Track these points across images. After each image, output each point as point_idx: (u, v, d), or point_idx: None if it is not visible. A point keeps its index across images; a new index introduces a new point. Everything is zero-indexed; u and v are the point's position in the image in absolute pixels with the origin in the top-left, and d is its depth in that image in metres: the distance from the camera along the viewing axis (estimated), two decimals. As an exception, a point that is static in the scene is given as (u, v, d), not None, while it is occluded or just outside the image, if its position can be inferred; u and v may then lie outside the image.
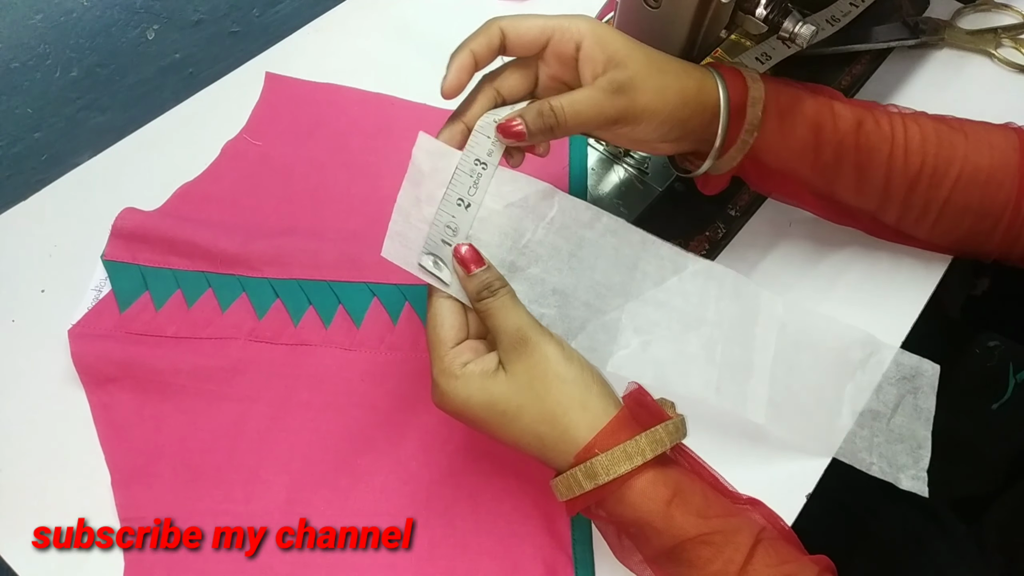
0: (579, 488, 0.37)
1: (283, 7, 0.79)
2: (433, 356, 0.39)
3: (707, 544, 0.36)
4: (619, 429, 0.37)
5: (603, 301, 0.45)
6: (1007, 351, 0.64)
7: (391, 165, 0.59)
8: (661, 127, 0.42)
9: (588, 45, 0.40)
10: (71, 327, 0.51)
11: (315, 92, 0.65)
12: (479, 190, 0.41)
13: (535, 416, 0.38)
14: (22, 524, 0.45)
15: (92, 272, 0.53)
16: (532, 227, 0.43)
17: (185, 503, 0.46)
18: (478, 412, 0.38)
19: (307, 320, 0.52)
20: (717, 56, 0.66)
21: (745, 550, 0.36)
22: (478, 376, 0.38)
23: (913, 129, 0.47)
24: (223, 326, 0.51)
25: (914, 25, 0.67)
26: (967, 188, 0.47)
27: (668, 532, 0.36)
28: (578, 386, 0.38)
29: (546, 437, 0.38)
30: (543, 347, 0.38)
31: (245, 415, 0.48)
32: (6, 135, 0.65)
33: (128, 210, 0.55)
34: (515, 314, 0.39)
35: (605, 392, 0.39)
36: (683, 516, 0.37)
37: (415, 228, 0.41)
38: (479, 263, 0.40)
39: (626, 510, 0.37)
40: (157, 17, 0.69)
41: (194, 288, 0.53)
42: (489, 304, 0.39)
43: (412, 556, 0.44)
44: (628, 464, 0.36)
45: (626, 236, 0.46)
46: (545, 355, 0.38)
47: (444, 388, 0.39)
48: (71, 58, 0.65)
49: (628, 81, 0.40)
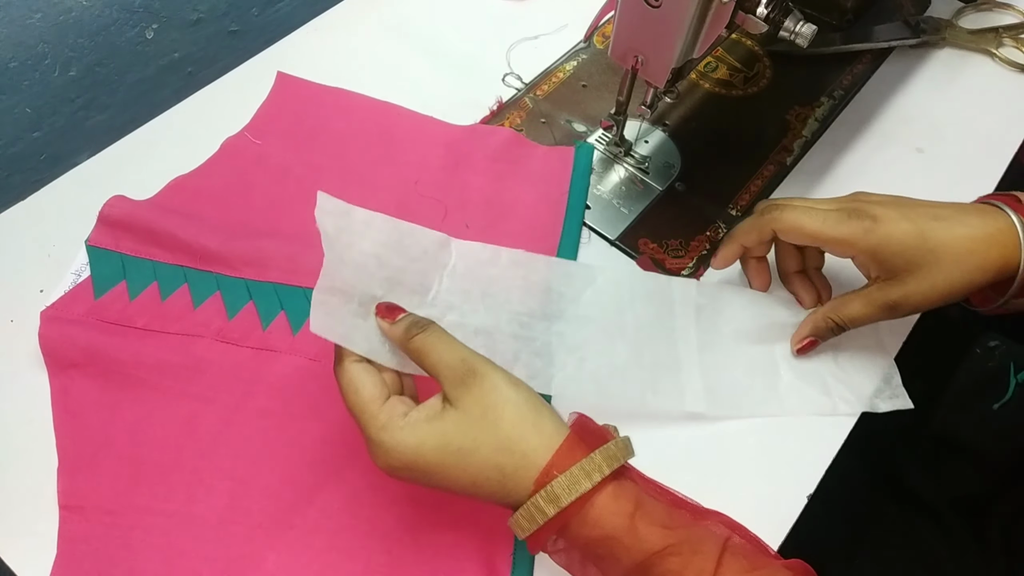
0: (542, 516, 0.36)
1: (282, 6, 0.79)
2: (364, 419, 0.38)
3: (675, 555, 0.35)
4: (572, 450, 0.36)
5: (528, 329, 0.47)
6: (1008, 351, 0.64)
7: (386, 176, 0.59)
8: (946, 300, 0.43)
9: (862, 260, 0.45)
10: (44, 309, 0.50)
11: (323, 95, 0.64)
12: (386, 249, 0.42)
13: (493, 446, 0.36)
14: (22, 524, 0.45)
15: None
16: (436, 277, 0.44)
17: (125, 497, 0.45)
18: (432, 457, 0.36)
19: (276, 325, 0.51)
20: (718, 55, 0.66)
21: (714, 558, 0.35)
22: (424, 421, 0.37)
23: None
24: (192, 323, 0.51)
25: (915, 24, 0.67)
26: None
27: (635, 546, 0.36)
28: (530, 408, 0.37)
29: (506, 466, 0.36)
30: (491, 375, 0.37)
31: (198, 415, 0.48)
32: (5, 135, 0.65)
33: (117, 198, 0.55)
34: (455, 346, 0.38)
35: (554, 415, 0.38)
36: (647, 528, 0.36)
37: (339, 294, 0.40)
38: (400, 310, 0.40)
39: (591, 530, 0.36)
40: (156, 16, 0.69)
41: (170, 281, 0.52)
42: (424, 339, 0.38)
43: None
44: (588, 482, 0.35)
45: (530, 264, 0.48)
46: (495, 383, 0.37)
47: (390, 443, 0.37)
48: (70, 57, 0.65)
49: (903, 299, 0.43)
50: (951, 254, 0.42)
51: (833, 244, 0.45)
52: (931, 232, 0.42)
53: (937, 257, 0.42)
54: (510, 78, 0.65)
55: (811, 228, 0.45)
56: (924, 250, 0.42)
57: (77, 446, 0.47)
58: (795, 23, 0.45)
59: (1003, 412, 0.62)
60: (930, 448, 0.64)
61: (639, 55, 0.50)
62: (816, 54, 0.65)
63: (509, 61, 0.67)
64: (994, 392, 0.63)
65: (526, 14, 0.71)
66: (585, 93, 0.64)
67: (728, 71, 0.66)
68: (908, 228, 0.42)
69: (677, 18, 0.45)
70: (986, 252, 0.42)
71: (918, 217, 0.43)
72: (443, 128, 0.62)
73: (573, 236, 0.55)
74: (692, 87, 0.65)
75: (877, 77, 0.65)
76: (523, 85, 0.65)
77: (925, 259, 0.42)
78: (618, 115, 0.57)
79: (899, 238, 0.43)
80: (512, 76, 0.65)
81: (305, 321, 0.51)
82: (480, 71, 0.66)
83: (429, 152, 0.60)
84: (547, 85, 0.65)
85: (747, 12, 0.45)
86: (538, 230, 0.55)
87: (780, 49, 0.67)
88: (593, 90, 0.65)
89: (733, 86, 0.65)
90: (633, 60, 0.51)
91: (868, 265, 0.45)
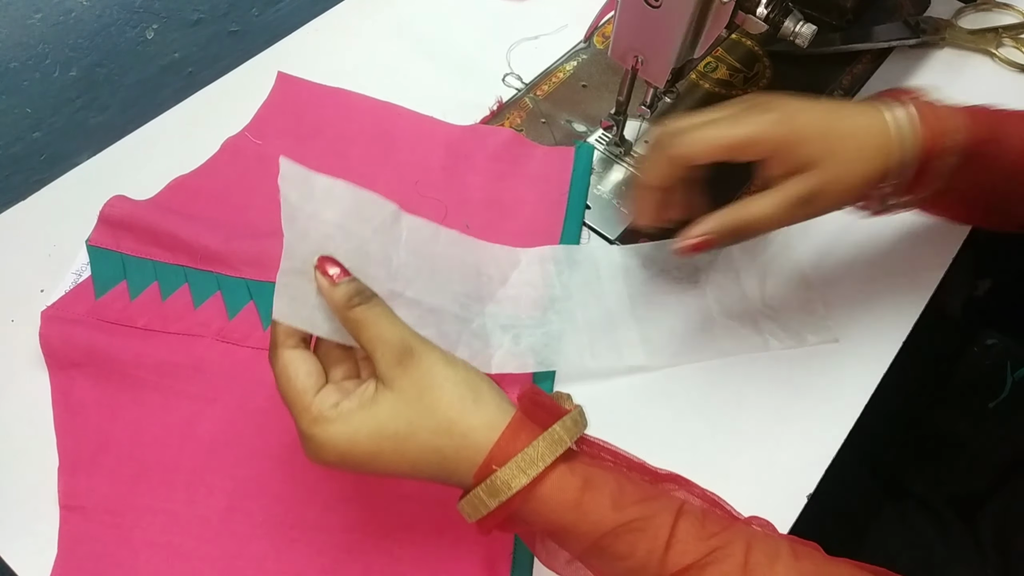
0: (484, 508, 0.35)
1: (283, 6, 0.79)
2: (296, 410, 0.36)
3: (628, 531, 0.34)
4: (515, 435, 0.35)
5: (467, 310, 0.48)
6: (1005, 349, 0.64)
7: (386, 176, 0.59)
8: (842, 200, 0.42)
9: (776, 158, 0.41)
10: (44, 309, 0.51)
11: (324, 96, 0.64)
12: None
13: (431, 429, 0.35)
14: (22, 524, 0.45)
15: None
16: (395, 251, 0.43)
17: (126, 497, 0.45)
18: (367, 446, 0.35)
19: None
20: (718, 55, 0.66)
21: (667, 529, 0.35)
22: (357, 409, 0.35)
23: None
24: (192, 323, 0.51)
25: (915, 24, 0.67)
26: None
27: (584, 531, 0.35)
28: (468, 386, 0.36)
29: (446, 448, 0.35)
30: (429, 355, 0.36)
31: (199, 415, 0.48)
32: (5, 135, 0.65)
33: (117, 198, 0.55)
34: (396, 325, 0.36)
35: (496, 393, 0.37)
36: (597, 511, 0.35)
37: (303, 275, 0.38)
38: (345, 273, 0.37)
39: (538, 518, 0.35)
40: (156, 16, 0.69)
41: (171, 281, 0.52)
42: (364, 312, 0.36)
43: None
44: (526, 476, 0.34)
45: (465, 245, 0.49)
46: (432, 363, 0.36)
47: (322, 437, 0.35)
48: (70, 57, 0.65)
49: (818, 190, 0.41)
50: (856, 141, 0.41)
51: (747, 146, 0.41)
52: (837, 121, 0.42)
53: (845, 145, 0.41)
54: (510, 78, 0.65)
55: (724, 138, 0.41)
56: (833, 137, 0.41)
57: (77, 446, 0.47)
58: (795, 23, 0.45)
59: (1000, 410, 0.62)
60: (928, 446, 0.64)
61: (639, 55, 0.50)
62: (816, 54, 0.65)
63: (509, 61, 0.67)
64: (991, 390, 0.63)
65: (526, 14, 0.71)
66: (585, 93, 0.64)
67: (728, 71, 0.66)
68: (815, 115, 0.41)
69: (677, 18, 0.45)
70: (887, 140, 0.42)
71: (819, 107, 0.42)
72: (443, 128, 0.62)
73: (573, 236, 0.55)
74: (692, 87, 0.65)
75: (877, 77, 0.65)
76: (523, 85, 0.65)
77: (834, 147, 0.41)
78: (618, 115, 0.57)
79: (808, 125, 0.41)
80: (512, 76, 0.65)
81: None
82: (480, 71, 0.66)
83: (429, 152, 0.60)
84: (547, 85, 0.65)
85: (747, 12, 0.45)
86: (538, 230, 0.55)
87: (780, 49, 0.67)
88: (593, 90, 0.65)
89: (733, 86, 0.65)
90: (633, 60, 0.51)
91: (777, 163, 0.41)
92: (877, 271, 0.54)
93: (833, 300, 0.52)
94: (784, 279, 0.52)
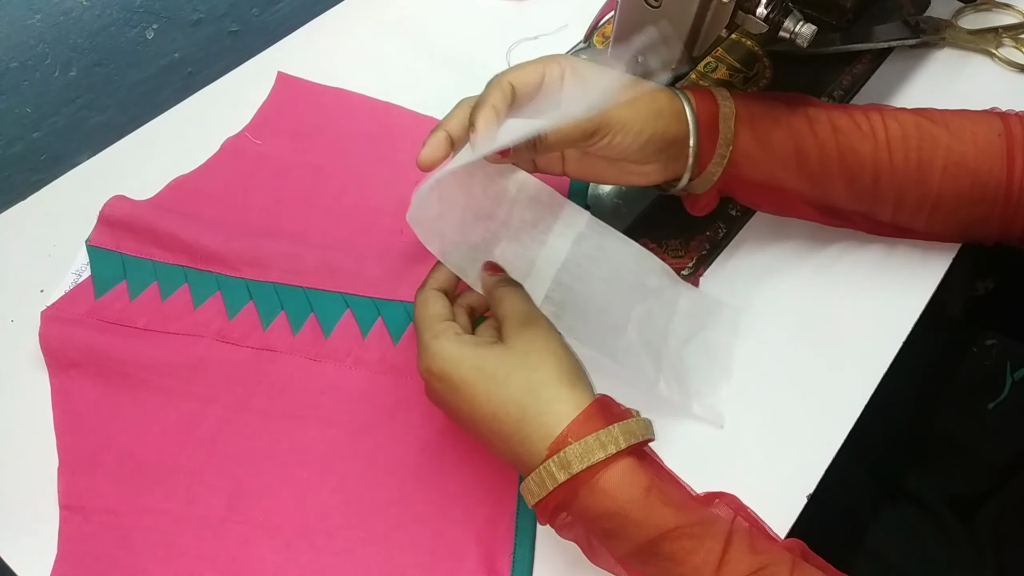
0: (552, 481, 0.36)
1: (282, 6, 0.79)
2: (422, 327, 0.41)
3: (687, 536, 0.35)
4: (591, 419, 0.37)
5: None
6: (1005, 350, 0.64)
7: (386, 176, 0.59)
8: (638, 137, 0.43)
9: (568, 75, 0.44)
10: (44, 309, 0.51)
11: (323, 96, 0.64)
12: None
13: (522, 385, 0.38)
14: (22, 524, 0.45)
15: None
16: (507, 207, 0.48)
17: (126, 497, 0.45)
18: (465, 374, 0.39)
19: (276, 325, 0.51)
20: (718, 55, 0.66)
21: (723, 540, 0.36)
22: (472, 343, 0.40)
23: (893, 125, 0.47)
24: (192, 323, 0.51)
25: (915, 24, 0.67)
26: (956, 178, 0.47)
27: (648, 522, 0.36)
28: (568, 364, 0.40)
29: (529, 408, 0.38)
30: (550, 329, 0.41)
31: (199, 415, 0.48)
32: (5, 135, 0.65)
33: (117, 198, 0.55)
34: (527, 302, 0.43)
35: (588, 385, 0.40)
36: (663, 506, 0.36)
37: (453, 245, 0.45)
38: (502, 271, 0.45)
39: (603, 501, 0.36)
40: (156, 16, 0.69)
41: (171, 281, 0.53)
42: (505, 291, 0.43)
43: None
44: (602, 452, 0.36)
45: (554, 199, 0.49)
46: (547, 333, 0.41)
47: (435, 347, 0.40)
48: (70, 58, 0.65)
49: (605, 124, 0.43)
50: (650, 97, 0.45)
51: (551, 69, 0.43)
52: (636, 83, 0.45)
53: (640, 99, 0.44)
54: (510, 78, 0.65)
55: (532, 65, 0.43)
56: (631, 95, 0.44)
57: (77, 446, 0.47)
58: (795, 23, 0.45)
59: (999, 410, 0.62)
60: (927, 447, 0.64)
61: (639, 55, 0.50)
62: (816, 54, 0.65)
63: (509, 61, 0.67)
64: (990, 391, 0.63)
65: (526, 14, 0.71)
66: (585, 93, 0.64)
67: (728, 71, 0.66)
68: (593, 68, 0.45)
69: (676, 18, 0.45)
70: (673, 102, 0.45)
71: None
72: None
73: (573, 236, 0.55)
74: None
75: (877, 77, 0.65)
76: (523, 85, 0.65)
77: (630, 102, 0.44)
78: (618, 115, 0.57)
79: (595, 65, 0.45)
80: (512, 76, 0.65)
81: (305, 322, 0.51)
82: (480, 71, 0.66)
83: (429, 152, 0.60)
84: (547, 85, 0.65)
85: (747, 12, 0.45)
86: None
87: (780, 49, 0.67)
88: (593, 90, 0.65)
89: (733, 86, 0.65)
90: (633, 60, 0.51)
91: None
92: (877, 271, 0.54)
93: (833, 300, 0.52)
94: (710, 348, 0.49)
